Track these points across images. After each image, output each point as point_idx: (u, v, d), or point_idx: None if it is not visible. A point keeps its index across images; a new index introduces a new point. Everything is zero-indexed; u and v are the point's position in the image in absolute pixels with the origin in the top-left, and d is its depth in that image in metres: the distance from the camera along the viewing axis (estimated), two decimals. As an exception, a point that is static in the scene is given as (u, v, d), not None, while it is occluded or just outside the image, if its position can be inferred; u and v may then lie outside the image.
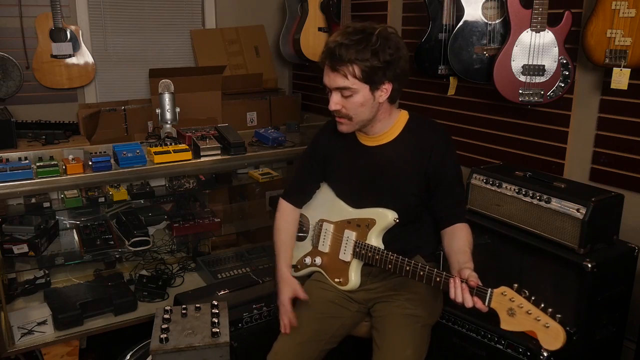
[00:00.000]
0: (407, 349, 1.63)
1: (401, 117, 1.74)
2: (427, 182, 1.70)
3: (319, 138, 1.90)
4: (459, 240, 1.66)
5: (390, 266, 1.62)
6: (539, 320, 1.30)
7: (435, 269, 1.52)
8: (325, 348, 1.75)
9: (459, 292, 1.43)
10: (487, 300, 1.39)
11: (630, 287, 2.10)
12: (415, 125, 1.74)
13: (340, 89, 1.62)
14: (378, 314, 1.76)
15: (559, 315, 1.30)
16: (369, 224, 1.73)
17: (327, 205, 1.87)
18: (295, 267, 1.93)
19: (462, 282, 1.44)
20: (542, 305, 1.32)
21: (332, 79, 1.62)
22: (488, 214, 2.21)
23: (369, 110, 1.65)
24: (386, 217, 1.71)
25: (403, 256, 1.60)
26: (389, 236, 1.73)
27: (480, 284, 1.42)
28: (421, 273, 1.54)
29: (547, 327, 1.28)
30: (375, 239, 1.71)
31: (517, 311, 1.33)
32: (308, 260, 1.88)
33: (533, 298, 1.34)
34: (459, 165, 1.79)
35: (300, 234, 1.94)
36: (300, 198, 1.93)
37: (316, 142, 1.91)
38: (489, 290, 1.39)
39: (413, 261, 1.57)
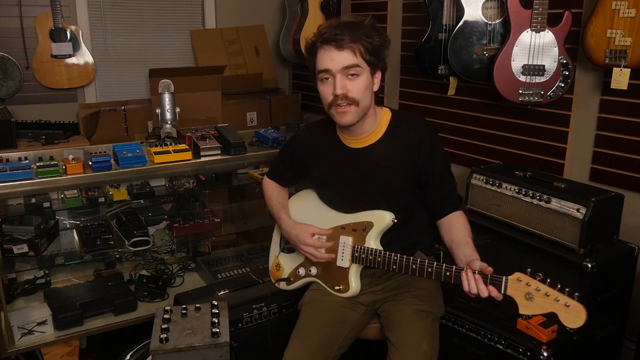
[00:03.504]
0: (423, 343, 1.61)
1: (384, 115, 1.73)
2: (419, 177, 1.69)
3: (301, 141, 1.86)
4: (458, 230, 1.66)
5: (394, 267, 1.60)
6: (558, 300, 1.32)
7: (444, 264, 1.51)
8: (337, 353, 1.71)
9: (472, 284, 1.43)
10: (502, 288, 1.40)
11: (630, 287, 2.10)
12: (399, 121, 1.72)
13: (347, 69, 1.56)
14: (387, 313, 1.74)
15: (577, 294, 1.32)
16: (366, 227, 1.69)
17: (314, 214, 1.82)
18: (287, 280, 1.88)
19: (474, 273, 1.43)
20: (559, 286, 1.34)
21: (337, 59, 1.56)
22: (488, 214, 2.21)
23: (370, 97, 1.64)
24: (384, 218, 1.68)
25: (402, 254, 1.59)
26: (388, 237, 1.71)
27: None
28: (429, 270, 1.53)
29: (568, 306, 1.31)
30: (374, 242, 1.68)
31: (535, 295, 1.35)
32: (302, 271, 1.83)
33: (548, 280, 1.36)
34: (446, 155, 1.77)
35: (288, 245, 1.89)
36: (282, 182, 1.98)
37: (297, 144, 1.88)
38: (504, 277, 1.39)
39: (419, 259, 1.56)
